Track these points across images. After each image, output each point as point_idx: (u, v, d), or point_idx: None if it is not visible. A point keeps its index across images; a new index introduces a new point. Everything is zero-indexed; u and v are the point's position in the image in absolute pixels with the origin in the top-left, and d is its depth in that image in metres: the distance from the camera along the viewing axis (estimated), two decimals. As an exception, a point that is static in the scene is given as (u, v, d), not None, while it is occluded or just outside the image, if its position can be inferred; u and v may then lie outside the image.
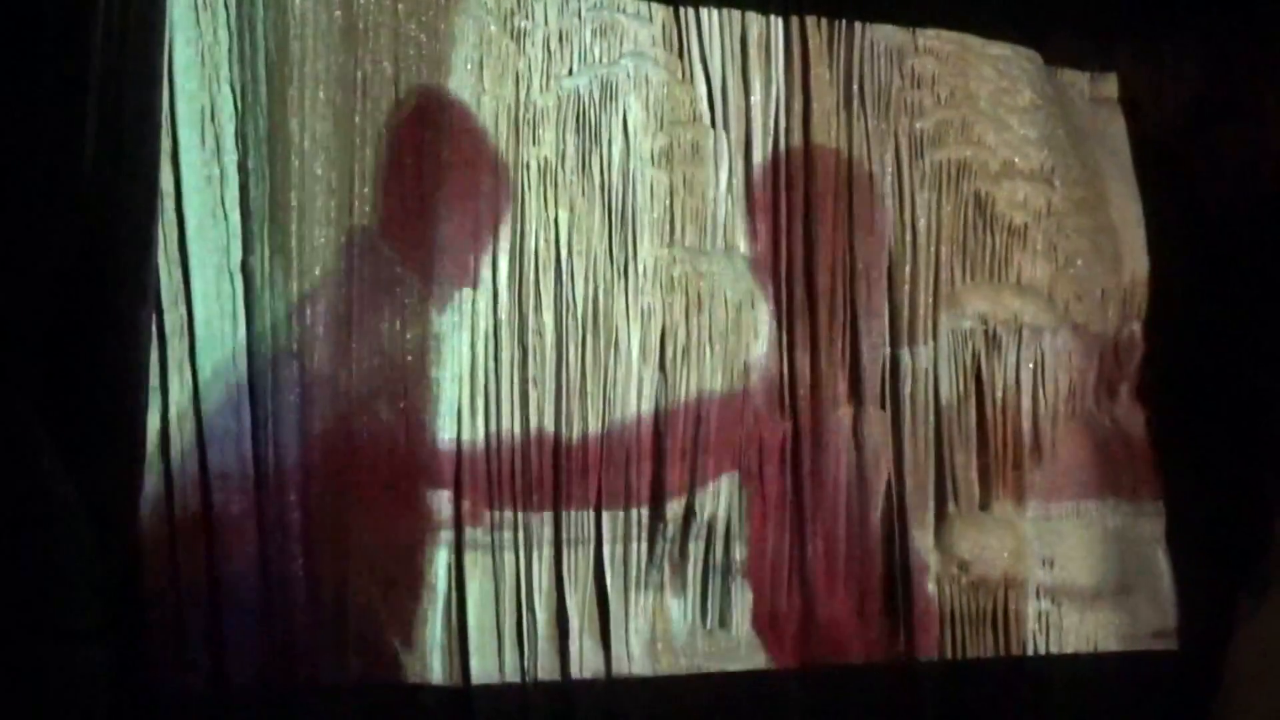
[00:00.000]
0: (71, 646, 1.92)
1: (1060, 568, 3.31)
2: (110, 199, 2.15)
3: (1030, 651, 3.27)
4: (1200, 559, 3.39)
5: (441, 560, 2.83)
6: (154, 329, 2.54)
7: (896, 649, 3.20)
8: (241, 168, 2.71)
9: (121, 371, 2.25)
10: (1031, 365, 3.29)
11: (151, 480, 2.55)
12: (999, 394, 3.28)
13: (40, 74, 1.97)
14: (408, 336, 2.80)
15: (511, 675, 2.85)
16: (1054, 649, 3.29)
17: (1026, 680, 3.26)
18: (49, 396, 1.96)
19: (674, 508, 2.99)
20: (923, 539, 3.22)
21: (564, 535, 2.92)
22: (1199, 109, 3.53)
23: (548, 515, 2.92)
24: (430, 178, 2.85)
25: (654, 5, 3.10)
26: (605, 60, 3.04)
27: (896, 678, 3.20)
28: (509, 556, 2.88)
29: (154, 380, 2.54)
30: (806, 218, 3.18)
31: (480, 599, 2.85)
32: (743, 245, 3.14)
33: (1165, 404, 3.49)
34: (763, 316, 3.11)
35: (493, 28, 2.94)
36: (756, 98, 3.17)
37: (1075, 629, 3.31)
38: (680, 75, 3.13)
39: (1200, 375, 3.42)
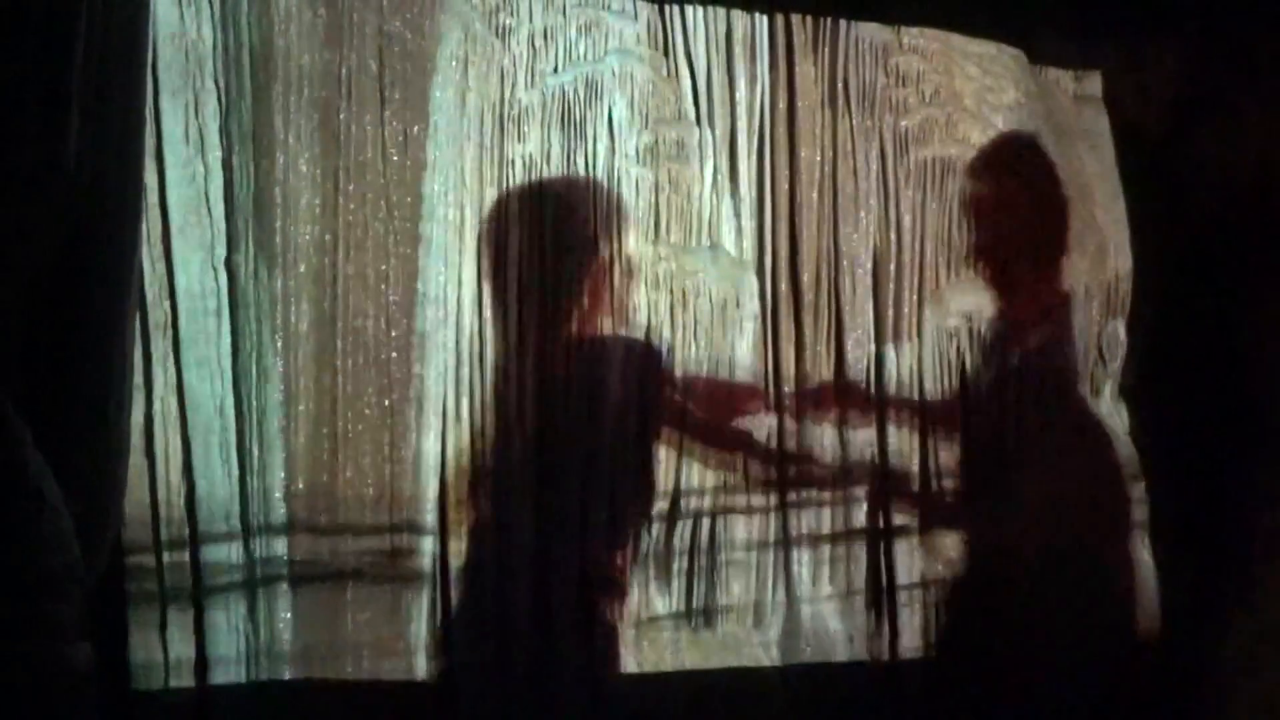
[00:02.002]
0: (56, 645, 1.91)
1: (1046, 565, 3.32)
2: (94, 195, 2.14)
3: (1016, 649, 3.28)
4: (1186, 555, 3.41)
5: (426, 556, 2.84)
6: (137, 325, 2.54)
7: (881, 647, 3.22)
8: (225, 164, 2.72)
9: (104, 368, 2.24)
10: (1015, 362, 3.31)
11: (134, 477, 2.55)
12: (983, 390, 3.30)
13: (22, 69, 1.97)
14: (393, 334, 2.81)
15: (496, 670, 2.86)
16: (1040, 646, 3.30)
17: (1012, 677, 3.27)
18: (31, 393, 1.95)
19: (659, 504, 3.01)
20: (908, 536, 3.24)
21: (548, 531, 2.93)
22: (1182, 108, 3.55)
23: (532, 511, 2.93)
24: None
25: (639, 2, 3.11)
26: (590, 57, 3.05)
27: (881, 676, 3.21)
28: (494, 552, 2.89)
29: (137, 377, 2.54)
30: (791, 215, 3.19)
31: (464, 591, 2.86)
32: (728, 242, 3.15)
33: (1149, 401, 3.51)
34: (747, 314, 3.12)
35: (477, 25, 2.95)
36: (741, 95, 3.18)
37: (1061, 626, 3.32)
38: (665, 72, 3.14)
39: (1184, 372, 3.45)
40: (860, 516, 3.22)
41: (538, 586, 2.93)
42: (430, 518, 2.85)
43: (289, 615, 2.70)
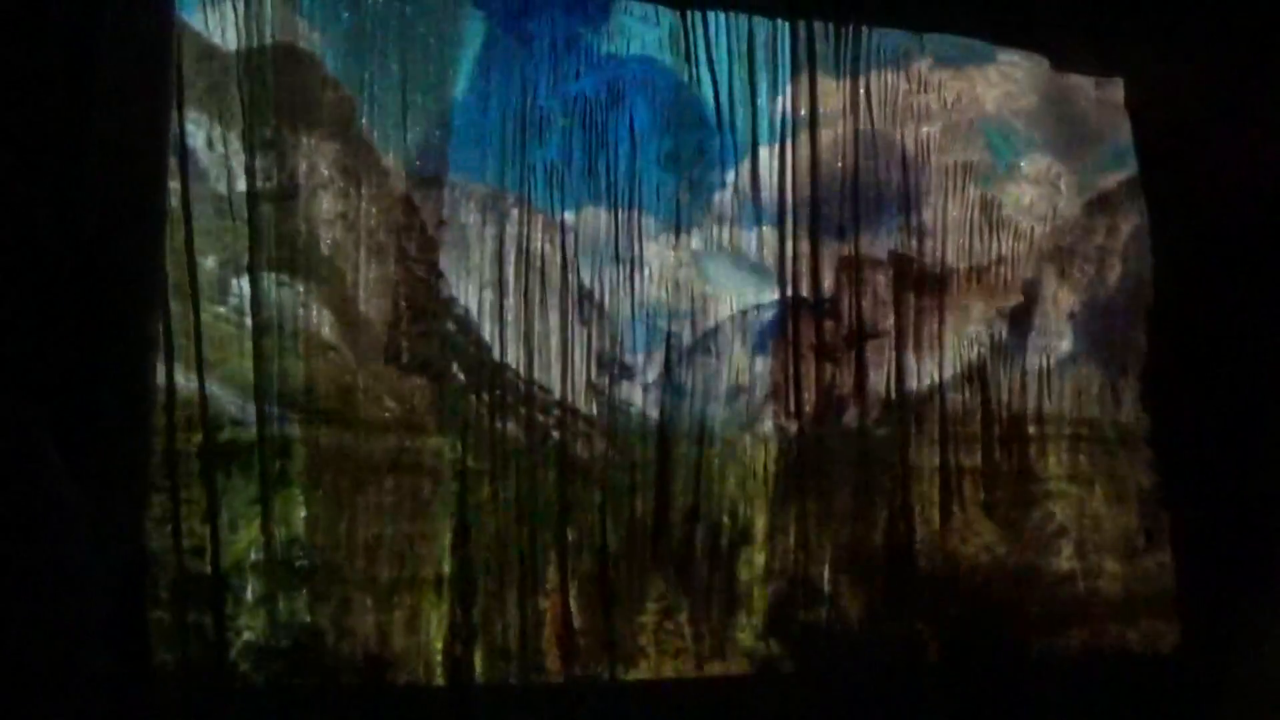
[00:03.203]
0: (76, 648, 1.90)
1: (1065, 572, 3.28)
2: (117, 199, 2.13)
3: (1035, 654, 3.24)
4: (1205, 564, 3.36)
5: (446, 559, 2.81)
6: (161, 328, 2.52)
7: (902, 651, 3.18)
8: (248, 169, 2.70)
9: (127, 371, 2.23)
10: (1036, 369, 3.28)
11: (157, 479, 2.54)
12: (1004, 397, 3.27)
13: (46, 73, 1.95)
14: (421, 336, 2.79)
15: (515, 676, 2.84)
16: (1059, 652, 3.26)
17: (1031, 683, 3.22)
18: (54, 396, 1.94)
19: (679, 510, 2.98)
20: (928, 542, 3.20)
21: (569, 537, 2.90)
22: (1203, 114, 3.49)
23: (553, 517, 2.90)
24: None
25: (661, 9, 3.08)
26: (612, 63, 3.02)
27: (902, 679, 3.17)
28: (514, 557, 2.86)
29: (160, 379, 2.52)
30: (812, 222, 3.16)
31: (485, 599, 2.84)
32: (748, 249, 3.12)
33: (1170, 408, 3.46)
34: (768, 320, 3.09)
35: (500, 30, 2.93)
36: (763, 101, 3.15)
37: (1080, 633, 3.28)
38: (687, 78, 3.11)
39: (1205, 379, 3.39)
40: (880, 523, 3.18)
41: (557, 589, 2.91)
42: (451, 520, 2.82)
43: (308, 616, 2.68)
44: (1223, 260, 3.39)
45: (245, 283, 2.68)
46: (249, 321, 2.68)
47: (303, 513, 2.69)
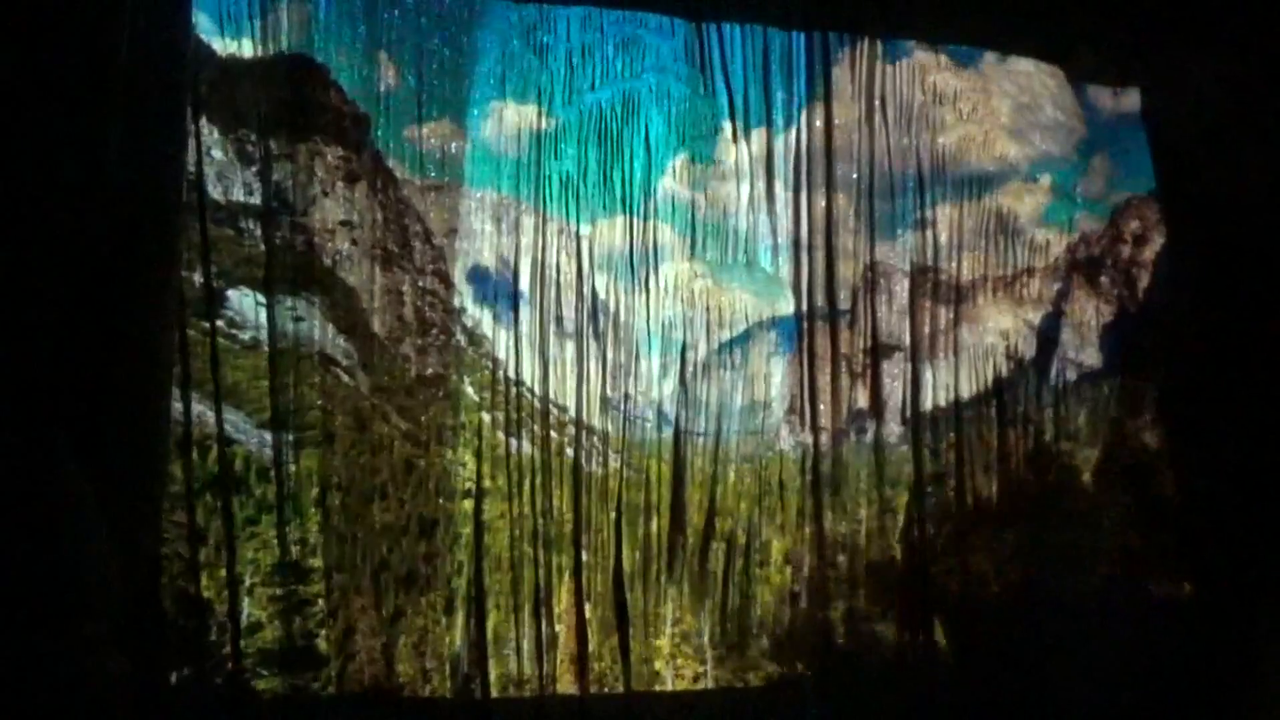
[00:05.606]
0: (91, 653, 1.86)
1: (1080, 580, 3.22)
2: (135, 212, 2.08)
3: (1048, 662, 3.18)
4: (1221, 572, 3.28)
5: (461, 573, 2.77)
6: (177, 340, 2.47)
7: (916, 659, 3.12)
8: (264, 180, 2.65)
9: (144, 381, 2.18)
10: (1052, 380, 3.22)
11: (173, 489, 2.49)
12: (1020, 409, 3.21)
13: (64, 85, 1.90)
14: (430, 349, 2.75)
15: (530, 689, 2.78)
16: (1071, 660, 3.19)
17: (1045, 689, 3.16)
18: (72, 406, 1.89)
19: (693, 522, 2.92)
20: (943, 551, 3.14)
21: (584, 550, 2.84)
22: (1220, 124, 3.41)
23: (568, 529, 2.84)
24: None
25: (676, 20, 3.02)
26: (627, 74, 2.97)
27: (916, 688, 3.12)
28: (528, 570, 2.80)
29: (175, 391, 2.48)
30: (828, 232, 3.09)
31: (500, 613, 2.79)
32: (764, 259, 3.06)
33: (1187, 418, 3.38)
34: (783, 331, 3.04)
35: (515, 42, 2.87)
36: (778, 112, 3.08)
37: (1094, 640, 3.21)
38: (702, 89, 3.05)
39: (1222, 388, 3.31)
40: (895, 534, 3.13)
41: (571, 603, 2.86)
42: (466, 532, 2.78)
43: (323, 626, 2.64)
44: (1242, 268, 3.31)
45: (241, 295, 2.64)
46: (243, 336, 2.64)
47: (315, 528, 2.64)
